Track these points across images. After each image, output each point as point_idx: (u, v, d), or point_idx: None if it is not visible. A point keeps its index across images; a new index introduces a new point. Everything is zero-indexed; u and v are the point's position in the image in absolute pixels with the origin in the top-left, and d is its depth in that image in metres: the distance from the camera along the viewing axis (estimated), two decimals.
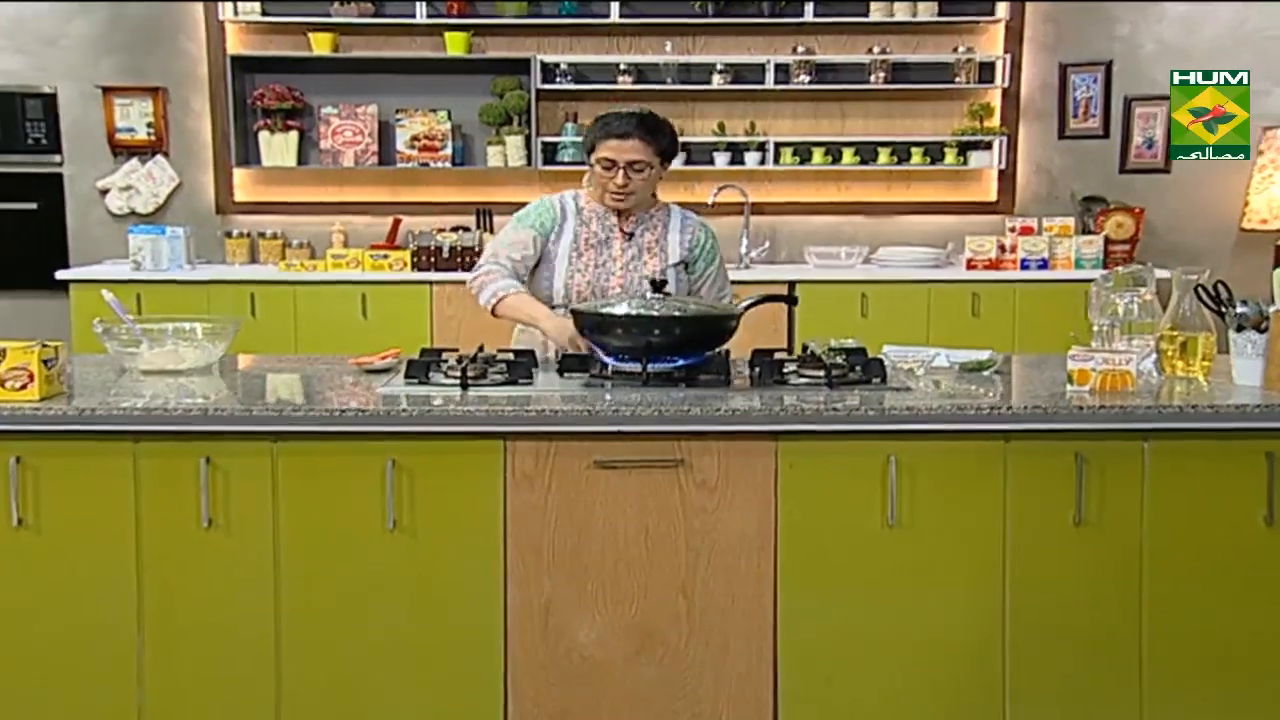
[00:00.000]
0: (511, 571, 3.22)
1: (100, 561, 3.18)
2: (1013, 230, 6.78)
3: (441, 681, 3.25)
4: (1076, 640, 3.26)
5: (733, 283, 5.89)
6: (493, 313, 3.83)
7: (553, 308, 3.85)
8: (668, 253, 3.91)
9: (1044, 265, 6.69)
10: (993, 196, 7.26)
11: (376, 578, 3.22)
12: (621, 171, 3.79)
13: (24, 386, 3.11)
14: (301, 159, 7.15)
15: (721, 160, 7.07)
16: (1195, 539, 3.24)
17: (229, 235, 7.10)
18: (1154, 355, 3.56)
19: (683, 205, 6.83)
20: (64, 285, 6.55)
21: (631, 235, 3.89)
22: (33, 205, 7.14)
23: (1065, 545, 3.23)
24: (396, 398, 3.27)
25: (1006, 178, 7.22)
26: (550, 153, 7.10)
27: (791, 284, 6.58)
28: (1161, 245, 7.09)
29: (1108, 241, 6.80)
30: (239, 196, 7.26)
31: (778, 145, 7.08)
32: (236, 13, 7.01)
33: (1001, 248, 6.71)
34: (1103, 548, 3.23)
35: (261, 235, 7.14)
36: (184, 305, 6.30)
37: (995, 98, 7.18)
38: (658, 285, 3.55)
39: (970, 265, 6.70)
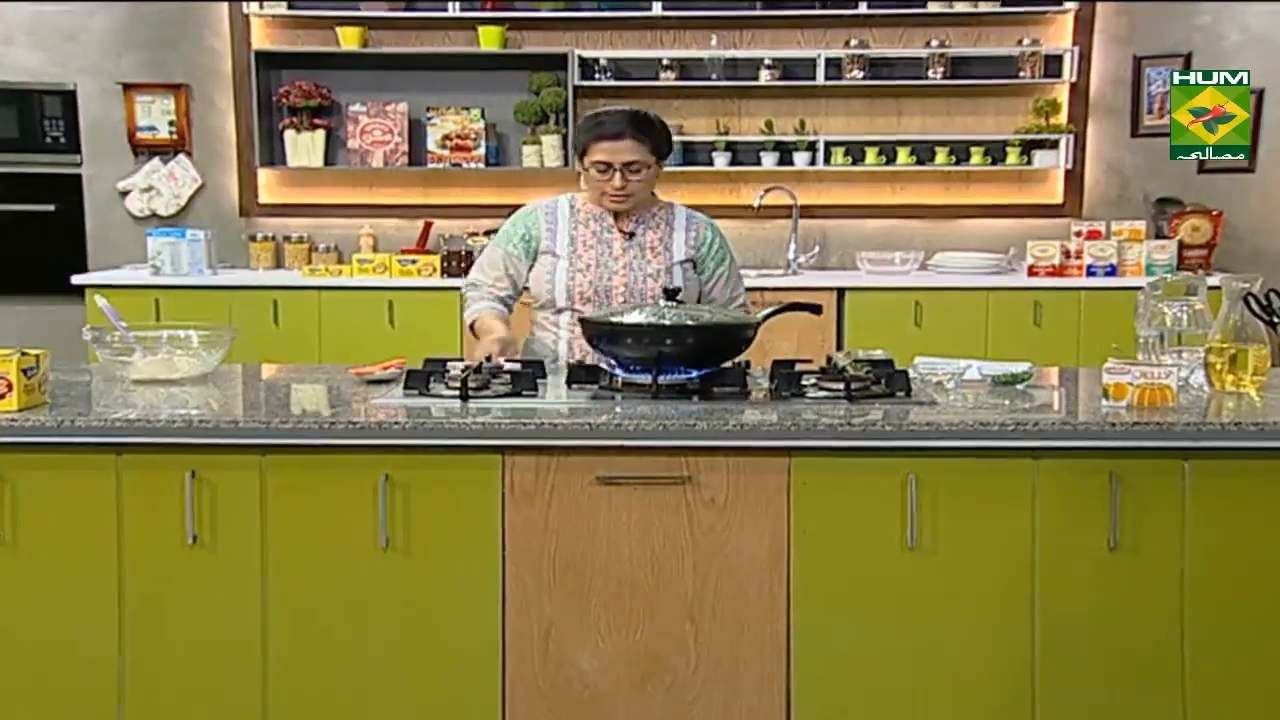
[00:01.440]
0: (510, 593, 3.23)
1: (80, 579, 3.22)
2: (1078, 234, 6.72)
3: (436, 708, 3.26)
4: (1112, 674, 3.21)
5: (779, 289, 5.97)
6: (474, 335, 4.01)
7: (557, 311, 3.94)
8: (672, 251, 3.94)
9: (1112, 272, 6.63)
10: (1059, 199, 7.21)
11: (368, 598, 3.23)
12: (618, 174, 3.83)
13: (2, 396, 3.16)
14: (329, 159, 7.23)
15: (769, 160, 7.08)
16: (1240, 565, 3.19)
17: (253, 239, 7.18)
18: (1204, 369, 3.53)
19: (726, 208, 6.93)
20: (81, 290, 6.65)
21: (632, 235, 3.93)
22: (51, 207, 7.27)
23: (1099, 571, 3.19)
24: (391, 409, 3.30)
25: (1074, 179, 7.16)
26: None
27: (841, 291, 6.58)
28: (1243, 251, 7.00)
29: (1182, 246, 6.73)
30: (264, 198, 7.35)
31: (829, 144, 7.07)
32: (262, 7, 7.12)
33: (1066, 253, 6.65)
34: (1139, 574, 3.18)
35: (287, 239, 7.22)
36: (204, 311, 6.37)
37: (1063, 93, 7.13)
38: (670, 293, 3.56)
39: (1032, 272, 6.65)
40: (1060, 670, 3.21)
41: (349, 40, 7.06)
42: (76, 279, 6.69)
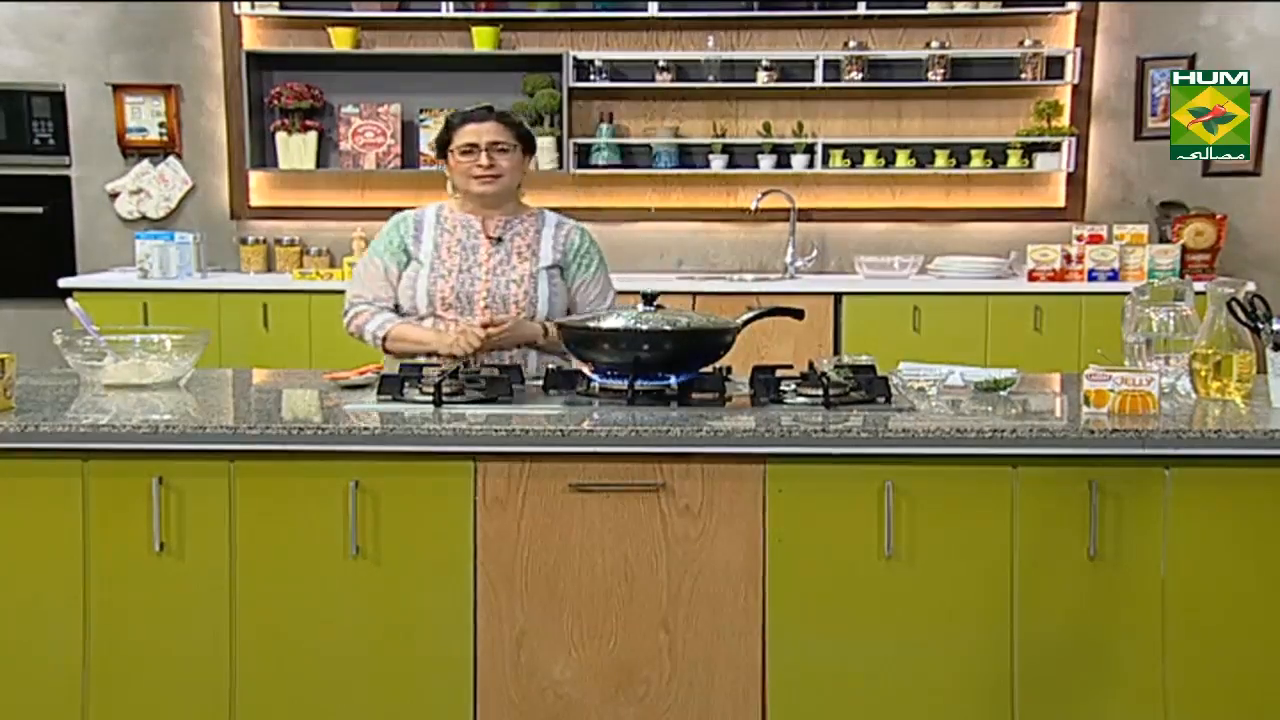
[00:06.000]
0: (481, 602, 3.24)
1: (45, 588, 3.23)
2: (1080, 239, 6.71)
3: (407, 718, 3.27)
4: (1092, 685, 3.21)
5: (776, 294, 5.99)
6: (385, 350, 3.99)
7: (420, 318, 3.96)
8: (539, 256, 3.99)
9: (1114, 276, 6.62)
10: (1060, 202, 7.19)
11: (337, 607, 3.24)
12: (485, 153, 3.91)
13: None
14: (321, 161, 7.22)
15: (766, 163, 7.07)
16: (1221, 574, 3.19)
17: (244, 242, 7.19)
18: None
19: (723, 211, 6.95)
20: (69, 294, 6.65)
21: (500, 240, 3.97)
22: (39, 209, 7.27)
23: (1078, 581, 3.19)
24: (363, 415, 3.30)
25: (1076, 182, 7.14)
26: (584, 155, 7.14)
27: (839, 295, 6.57)
28: (1249, 255, 6.99)
29: (1185, 251, 6.71)
30: (255, 200, 7.35)
31: (827, 147, 7.05)
32: (253, 7, 7.11)
33: (1067, 257, 6.65)
34: (1120, 584, 3.19)
35: (278, 242, 7.22)
36: (193, 315, 6.37)
37: (1065, 95, 7.10)
38: (649, 298, 3.57)
39: (1032, 276, 6.65)
40: (1040, 681, 3.22)
41: (341, 41, 7.06)
42: (63, 282, 6.67)
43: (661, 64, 7.04)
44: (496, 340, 3.80)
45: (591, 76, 7.06)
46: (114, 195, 7.29)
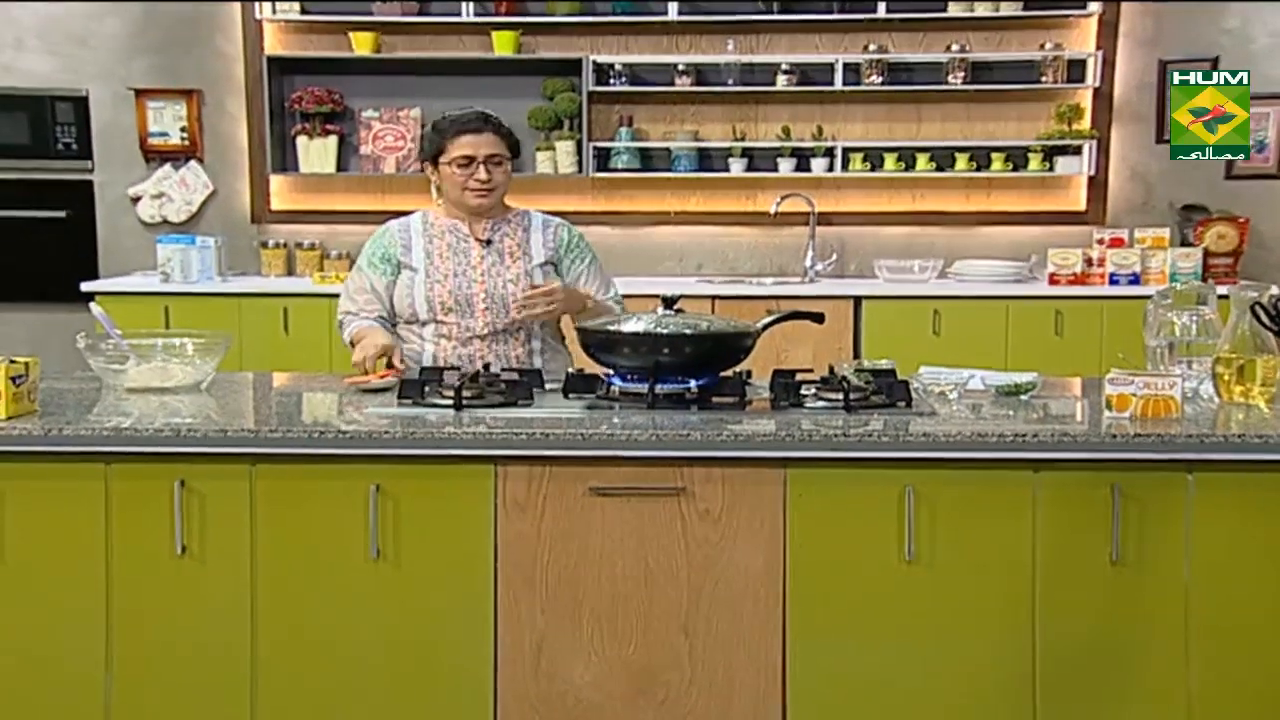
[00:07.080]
0: (502, 605, 3.24)
1: (68, 590, 3.24)
2: (1100, 242, 6.69)
3: None
4: (1114, 691, 3.20)
5: (795, 298, 5.98)
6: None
7: (421, 324, 3.99)
8: (531, 254, 4.02)
9: (1135, 280, 6.60)
10: (1081, 206, 7.16)
11: (358, 610, 3.25)
12: (482, 166, 3.92)
13: None
14: (341, 165, 7.25)
15: (786, 167, 7.07)
16: (1244, 580, 3.17)
17: (264, 245, 7.22)
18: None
19: (743, 215, 6.95)
20: (91, 298, 6.67)
21: (489, 242, 4.00)
22: (62, 213, 7.31)
23: (1100, 586, 3.18)
24: (383, 419, 3.30)
25: (1097, 185, 7.11)
26: (603, 159, 7.14)
27: (858, 299, 6.56)
28: (1272, 259, 6.97)
29: (1207, 254, 6.70)
30: (275, 205, 7.38)
31: (847, 151, 7.05)
32: (275, 12, 7.13)
33: (1088, 261, 6.63)
34: (1142, 589, 3.18)
35: (299, 246, 7.25)
36: (214, 319, 6.41)
37: (1086, 98, 7.09)
38: (669, 301, 3.57)
39: (1053, 280, 6.63)
40: (1061, 687, 3.20)
41: (362, 45, 7.08)
42: (85, 286, 6.69)
43: (681, 68, 7.04)
44: (552, 308, 3.89)
45: (611, 80, 7.07)
46: (136, 199, 7.32)
